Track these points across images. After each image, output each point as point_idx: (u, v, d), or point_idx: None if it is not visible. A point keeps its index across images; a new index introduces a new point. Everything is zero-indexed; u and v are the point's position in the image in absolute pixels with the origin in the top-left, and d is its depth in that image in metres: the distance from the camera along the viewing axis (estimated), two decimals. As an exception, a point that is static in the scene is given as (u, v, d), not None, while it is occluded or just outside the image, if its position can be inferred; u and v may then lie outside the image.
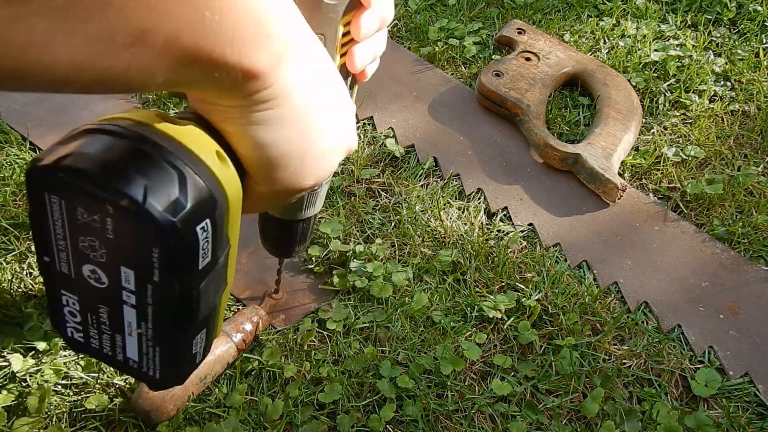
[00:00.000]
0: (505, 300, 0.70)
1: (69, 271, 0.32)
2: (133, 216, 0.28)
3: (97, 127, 0.30)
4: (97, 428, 0.61)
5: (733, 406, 0.64)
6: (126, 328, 0.33)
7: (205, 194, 0.31)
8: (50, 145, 0.30)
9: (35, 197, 0.30)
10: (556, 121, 0.90)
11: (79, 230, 0.30)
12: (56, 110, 0.90)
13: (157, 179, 0.29)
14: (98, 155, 0.29)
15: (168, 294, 0.31)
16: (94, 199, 0.29)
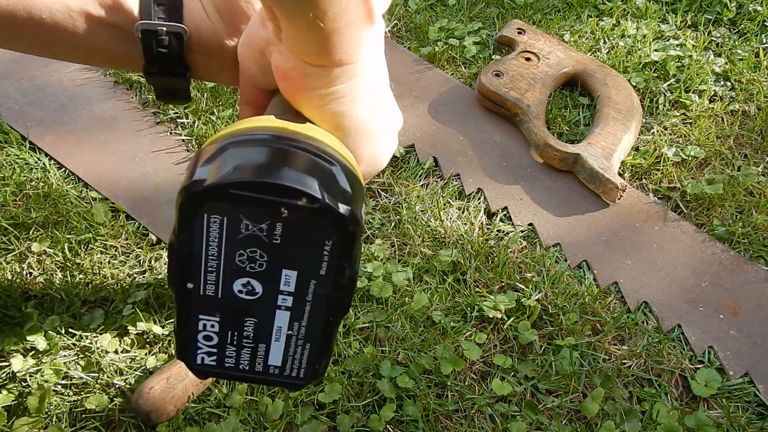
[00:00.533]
0: (505, 300, 0.70)
1: (215, 291, 0.32)
2: (311, 213, 0.29)
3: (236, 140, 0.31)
4: (97, 428, 0.61)
5: (733, 406, 0.64)
6: (273, 335, 0.34)
7: (356, 179, 0.33)
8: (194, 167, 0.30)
9: (191, 222, 0.30)
10: (556, 121, 0.90)
11: (239, 244, 0.30)
12: (56, 110, 0.90)
13: (320, 174, 0.30)
14: (260, 164, 0.29)
15: (335, 283, 0.32)
16: (267, 206, 0.29)
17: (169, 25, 0.44)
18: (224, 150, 0.30)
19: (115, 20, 0.44)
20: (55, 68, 0.96)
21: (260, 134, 0.31)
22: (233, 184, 0.28)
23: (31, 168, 0.82)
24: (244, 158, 0.30)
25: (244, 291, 0.32)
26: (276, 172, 0.29)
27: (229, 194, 0.29)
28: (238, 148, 0.30)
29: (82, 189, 0.81)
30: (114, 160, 0.85)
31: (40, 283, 0.71)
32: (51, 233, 0.75)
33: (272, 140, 0.31)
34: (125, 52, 0.46)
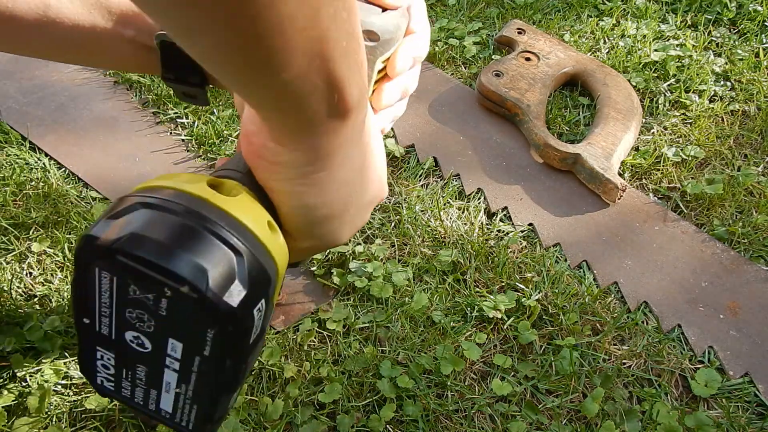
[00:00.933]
0: (505, 300, 0.70)
1: (109, 333, 0.32)
2: (192, 302, 0.29)
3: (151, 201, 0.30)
4: (97, 428, 0.61)
5: (733, 406, 0.64)
6: (164, 387, 0.34)
7: (261, 274, 0.31)
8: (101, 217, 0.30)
9: (84, 269, 0.30)
10: (556, 121, 0.90)
11: (128, 303, 0.30)
12: (56, 110, 0.90)
13: (216, 263, 0.29)
14: (156, 237, 0.29)
15: (217, 367, 0.31)
16: (152, 282, 0.29)
17: None
18: (134, 209, 0.30)
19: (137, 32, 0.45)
20: (55, 68, 0.96)
21: (177, 202, 0.30)
22: (122, 252, 0.28)
23: (31, 168, 0.82)
24: (145, 226, 0.29)
25: (135, 342, 0.32)
26: (168, 253, 0.28)
27: (117, 260, 0.28)
28: (146, 211, 0.30)
29: (82, 189, 0.81)
30: (114, 160, 0.85)
31: (40, 283, 0.71)
32: (51, 233, 0.75)
33: (184, 214, 0.30)
34: (147, 60, 0.47)
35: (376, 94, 0.45)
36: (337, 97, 0.30)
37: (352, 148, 0.35)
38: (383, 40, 0.40)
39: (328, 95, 0.30)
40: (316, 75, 0.28)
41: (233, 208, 0.31)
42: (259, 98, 0.30)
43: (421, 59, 0.45)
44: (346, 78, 0.30)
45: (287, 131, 0.32)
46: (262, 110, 0.31)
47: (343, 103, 0.31)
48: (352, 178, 0.37)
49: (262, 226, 0.33)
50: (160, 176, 0.33)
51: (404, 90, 0.46)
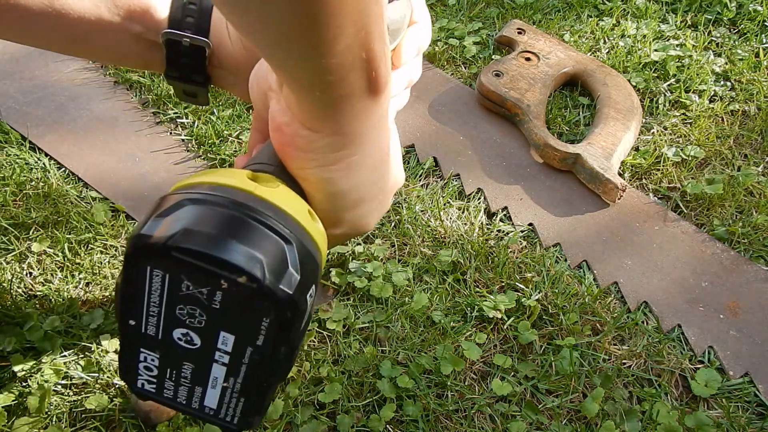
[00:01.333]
0: (505, 300, 0.70)
1: (156, 333, 0.32)
2: (250, 291, 0.29)
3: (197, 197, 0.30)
4: (97, 428, 0.61)
5: (733, 406, 0.64)
6: (210, 382, 0.34)
7: (311, 260, 0.32)
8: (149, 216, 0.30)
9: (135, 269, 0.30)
10: (556, 121, 0.90)
11: (180, 300, 0.30)
12: (56, 110, 0.90)
13: (270, 252, 0.29)
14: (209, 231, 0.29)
15: (270, 355, 0.32)
16: (207, 275, 0.29)
17: (193, 38, 0.45)
18: (181, 206, 0.30)
19: (144, 29, 0.46)
20: (55, 68, 0.96)
21: (223, 196, 0.30)
22: (177, 248, 0.28)
23: (31, 168, 0.82)
24: (196, 221, 0.29)
25: (183, 340, 0.32)
26: (223, 245, 0.28)
27: (172, 256, 0.29)
28: (195, 206, 0.30)
29: (82, 189, 0.81)
30: (114, 160, 0.85)
31: (40, 283, 0.71)
32: (51, 233, 0.75)
33: (232, 206, 0.30)
34: (151, 56, 0.47)
35: None
36: (374, 73, 0.31)
37: (380, 131, 0.36)
38: (391, 30, 0.41)
39: (367, 71, 0.31)
40: (361, 48, 0.29)
41: (277, 199, 0.32)
42: (305, 72, 0.30)
43: (424, 49, 0.45)
44: (381, 55, 0.31)
45: (324, 111, 0.33)
46: (304, 86, 0.31)
47: (378, 81, 0.32)
48: (380, 161, 0.38)
49: (305, 214, 0.33)
50: (198, 173, 0.34)
51: (409, 80, 0.46)
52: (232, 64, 0.47)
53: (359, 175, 0.37)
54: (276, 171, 0.37)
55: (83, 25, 0.44)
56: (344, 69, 0.30)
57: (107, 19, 0.44)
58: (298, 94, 0.32)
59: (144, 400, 0.36)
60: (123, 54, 0.48)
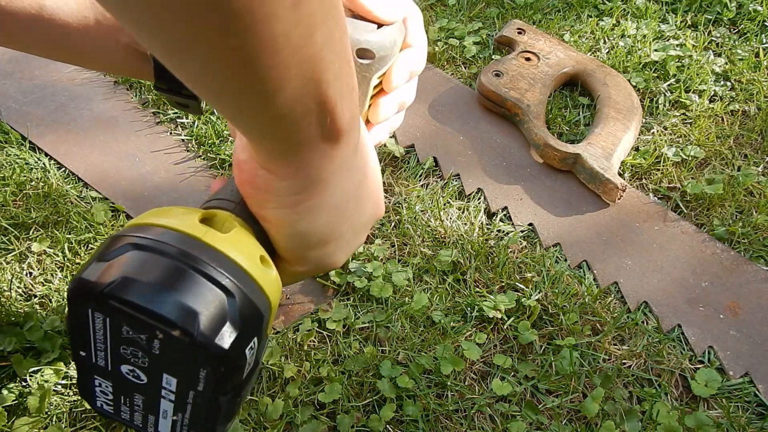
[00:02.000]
0: (505, 300, 0.70)
1: (105, 365, 0.32)
2: (184, 343, 0.29)
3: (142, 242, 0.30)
4: (97, 428, 0.61)
5: (733, 406, 0.64)
6: (161, 414, 0.34)
7: (254, 313, 0.31)
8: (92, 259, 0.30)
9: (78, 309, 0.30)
10: (556, 121, 0.90)
11: (122, 342, 0.30)
12: (56, 110, 0.90)
13: (207, 306, 0.29)
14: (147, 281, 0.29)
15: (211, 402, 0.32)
16: (143, 324, 0.29)
17: None
18: (124, 251, 0.30)
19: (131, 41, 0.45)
20: (55, 68, 0.96)
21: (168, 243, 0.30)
22: (114, 297, 0.28)
23: (31, 168, 0.82)
24: (136, 269, 0.29)
25: (131, 375, 0.32)
26: (159, 297, 0.28)
27: (109, 304, 0.29)
28: (137, 253, 0.30)
29: (82, 189, 0.81)
30: (114, 160, 0.85)
31: (40, 283, 0.71)
32: (51, 233, 0.75)
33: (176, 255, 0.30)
34: (140, 67, 0.47)
35: (372, 108, 0.44)
36: (329, 120, 0.30)
37: (344, 173, 0.35)
38: (379, 57, 0.40)
39: (320, 119, 0.29)
40: (310, 98, 0.28)
41: (226, 246, 0.31)
42: (251, 123, 0.29)
43: (418, 73, 0.44)
44: (338, 101, 0.29)
45: (278, 157, 0.32)
46: (254, 136, 0.31)
47: (336, 127, 0.30)
48: (345, 202, 0.37)
49: (255, 262, 0.32)
50: (152, 211, 0.33)
51: (401, 103, 0.45)
52: None
53: (321, 218, 0.35)
54: (236, 209, 0.36)
55: (72, 34, 0.44)
56: (292, 120, 0.28)
57: (95, 28, 0.44)
58: (250, 140, 0.31)
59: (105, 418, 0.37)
60: (113, 63, 0.47)
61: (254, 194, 0.35)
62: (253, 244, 0.34)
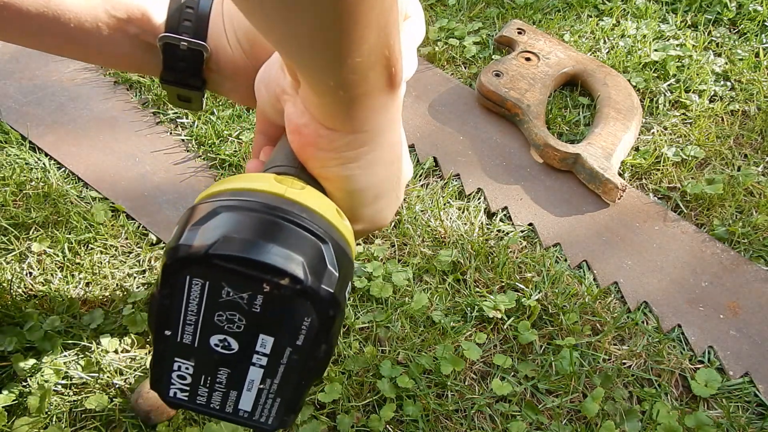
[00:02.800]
0: (505, 300, 0.70)
1: (192, 341, 0.32)
2: (292, 292, 0.29)
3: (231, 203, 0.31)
4: (97, 428, 0.61)
5: (733, 406, 0.64)
6: (246, 385, 0.34)
7: (346, 257, 0.32)
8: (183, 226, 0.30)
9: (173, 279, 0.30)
10: (556, 121, 0.90)
11: (219, 307, 0.31)
12: (56, 110, 0.90)
13: (308, 253, 0.30)
14: (248, 237, 0.29)
15: (310, 354, 0.32)
16: (249, 279, 0.29)
17: (191, 42, 0.45)
18: (215, 214, 0.30)
19: (141, 32, 0.45)
20: (55, 68, 0.96)
21: (255, 200, 0.31)
22: (218, 255, 0.29)
23: (31, 168, 0.82)
24: (233, 227, 0.29)
25: (220, 345, 0.32)
26: (263, 248, 0.29)
27: (213, 264, 0.29)
28: (229, 213, 0.30)
29: (82, 189, 0.81)
30: (114, 160, 0.85)
31: (40, 283, 0.71)
32: (51, 233, 0.75)
33: (265, 210, 0.30)
34: (147, 59, 0.47)
35: None
36: (394, 69, 0.32)
37: (395, 126, 0.37)
38: None
39: (387, 66, 0.31)
40: (383, 46, 0.29)
41: (306, 200, 0.32)
42: (332, 74, 0.30)
43: (418, 43, 0.45)
44: (399, 51, 0.31)
45: (344, 111, 0.33)
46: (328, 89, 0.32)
47: (396, 75, 0.32)
48: (395, 156, 0.39)
49: (334, 213, 0.34)
50: (222, 180, 0.34)
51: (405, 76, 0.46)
52: (230, 69, 0.47)
53: (378, 171, 0.37)
54: (297, 172, 0.37)
55: (79, 27, 0.44)
56: (367, 67, 0.30)
57: (104, 20, 0.44)
58: (320, 95, 0.33)
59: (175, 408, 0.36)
60: (117, 56, 0.47)
61: (317, 154, 0.36)
62: (326, 198, 0.35)
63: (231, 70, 0.47)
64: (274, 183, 0.33)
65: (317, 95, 0.33)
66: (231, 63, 0.46)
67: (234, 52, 0.46)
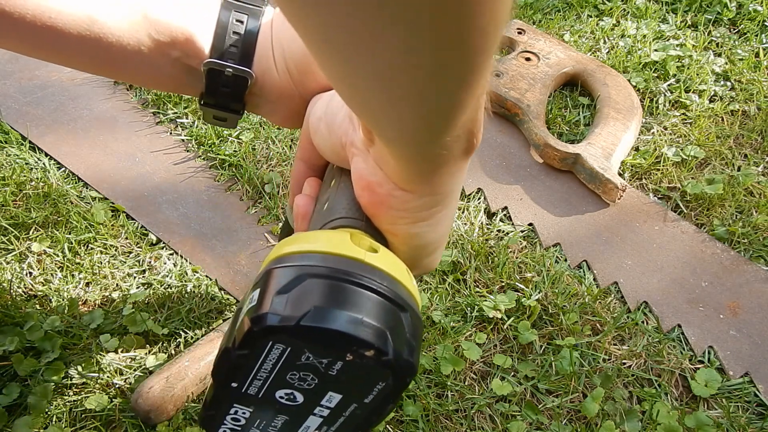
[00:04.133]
0: (505, 300, 0.70)
1: (257, 393, 0.33)
2: (374, 362, 0.30)
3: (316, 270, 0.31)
4: (97, 428, 0.61)
5: (733, 406, 0.64)
6: (301, 430, 0.35)
7: (419, 324, 0.33)
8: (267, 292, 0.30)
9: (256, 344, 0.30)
10: (556, 121, 0.90)
11: (295, 368, 0.31)
12: (56, 110, 0.90)
13: (391, 324, 0.30)
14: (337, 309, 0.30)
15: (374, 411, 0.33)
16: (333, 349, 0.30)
17: (237, 68, 0.44)
18: (301, 280, 0.30)
19: (184, 55, 0.44)
20: (55, 68, 0.96)
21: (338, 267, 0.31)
22: (309, 327, 0.29)
23: (31, 168, 0.82)
24: (321, 297, 0.30)
25: (285, 398, 0.33)
26: (351, 320, 0.29)
27: (302, 335, 0.29)
28: (315, 281, 0.30)
29: (82, 189, 0.81)
30: (114, 160, 0.85)
31: (40, 283, 0.71)
32: (51, 233, 0.75)
33: (349, 278, 0.31)
34: (188, 82, 0.46)
35: None
36: (476, 139, 0.31)
37: (462, 181, 0.37)
38: None
39: (470, 138, 0.31)
40: (471, 121, 0.29)
41: (386, 265, 0.33)
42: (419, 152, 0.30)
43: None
44: (481, 118, 0.31)
45: (422, 176, 0.33)
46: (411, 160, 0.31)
47: (477, 144, 0.32)
48: (452, 212, 0.39)
49: (408, 277, 0.34)
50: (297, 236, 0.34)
51: None
52: (274, 95, 0.46)
53: (444, 227, 0.38)
54: (364, 226, 0.37)
55: (120, 50, 0.43)
56: (455, 141, 0.30)
57: (147, 44, 0.43)
58: (400, 162, 0.32)
59: None
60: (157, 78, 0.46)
61: (388, 213, 0.36)
62: (399, 260, 0.35)
63: (275, 95, 0.46)
64: (353, 246, 0.33)
65: (396, 162, 0.32)
66: (276, 88, 0.45)
67: (281, 78, 0.45)
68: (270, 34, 0.44)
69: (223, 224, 0.79)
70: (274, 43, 0.44)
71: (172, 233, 0.77)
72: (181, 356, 0.64)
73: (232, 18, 0.43)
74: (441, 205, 0.35)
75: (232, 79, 0.44)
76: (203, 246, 0.76)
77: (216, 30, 0.44)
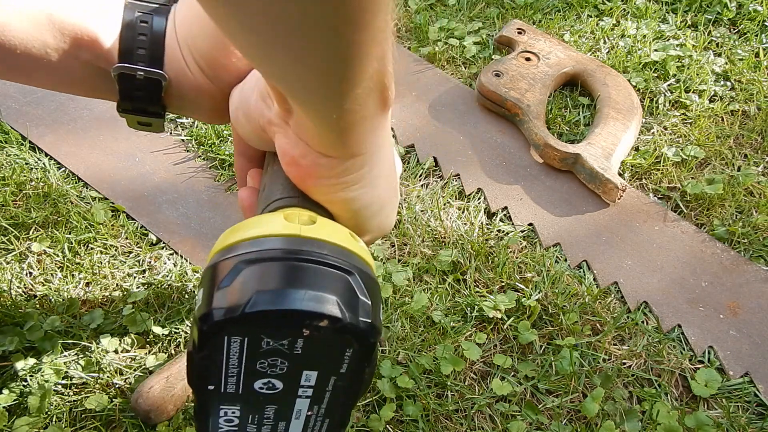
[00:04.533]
0: (505, 300, 0.70)
1: (236, 389, 0.33)
2: (332, 331, 0.30)
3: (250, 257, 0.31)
4: (97, 428, 0.61)
5: (733, 406, 0.64)
6: (294, 415, 0.35)
7: (371, 281, 0.33)
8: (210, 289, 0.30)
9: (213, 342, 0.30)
10: (556, 121, 0.90)
11: (260, 356, 0.31)
12: (56, 110, 0.90)
13: (339, 289, 0.30)
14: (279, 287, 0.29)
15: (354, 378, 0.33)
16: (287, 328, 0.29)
17: (148, 71, 0.43)
18: (238, 271, 0.30)
19: (92, 59, 0.43)
20: (55, 68, 0.96)
21: (272, 248, 0.31)
22: (253, 313, 0.29)
23: (31, 168, 0.82)
24: (260, 281, 0.30)
25: (265, 387, 0.33)
26: (295, 296, 0.29)
27: (250, 322, 0.29)
28: (252, 268, 0.30)
29: (82, 189, 0.81)
30: (114, 160, 0.85)
31: (40, 283, 0.71)
32: (51, 233, 0.75)
33: (286, 256, 0.31)
34: (102, 86, 0.45)
35: None
36: (387, 92, 0.32)
37: (387, 137, 0.37)
38: None
39: (383, 91, 0.31)
40: (380, 74, 0.30)
41: (323, 234, 0.33)
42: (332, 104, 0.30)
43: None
44: (391, 71, 0.31)
45: (341, 138, 0.33)
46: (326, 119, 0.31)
47: (390, 97, 0.32)
48: (390, 163, 0.39)
49: (349, 239, 0.34)
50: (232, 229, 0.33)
51: None
52: (192, 94, 0.45)
53: (379, 184, 0.38)
54: (300, 202, 0.37)
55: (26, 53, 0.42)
56: (366, 95, 0.30)
57: (53, 46, 0.42)
58: (318, 125, 0.32)
59: None
60: (71, 82, 0.45)
61: (318, 183, 0.36)
62: (338, 225, 0.35)
63: (194, 94, 0.45)
64: (286, 223, 0.33)
65: (315, 126, 0.32)
66: (193, 87, 0.44)
67: (195, 76, 0.44)
68: (175, 34, 0.43)
69: (223, 224, 0.79)
70: (180, 41, 0.43)
71: (172, 233, 0.77)
72: (181, 356, 0.64)
73: (136, 19, 0.42)
74: (369, 165, 0.35)
75: (144, 83, 0.43)
76: (203, 246, 0.76)
77: (121, 33, 0.42)
